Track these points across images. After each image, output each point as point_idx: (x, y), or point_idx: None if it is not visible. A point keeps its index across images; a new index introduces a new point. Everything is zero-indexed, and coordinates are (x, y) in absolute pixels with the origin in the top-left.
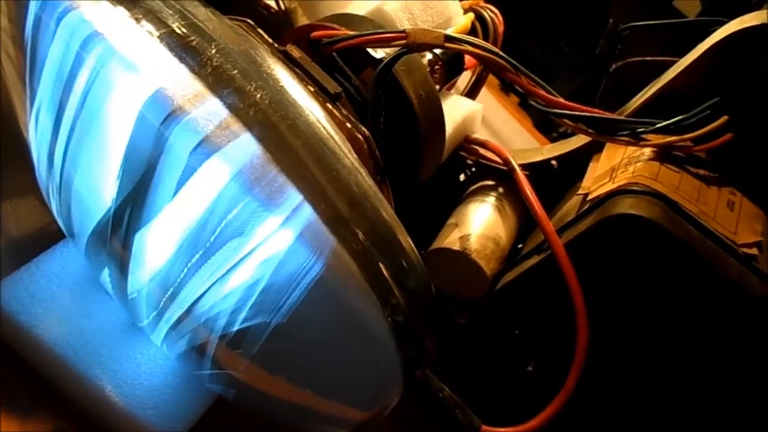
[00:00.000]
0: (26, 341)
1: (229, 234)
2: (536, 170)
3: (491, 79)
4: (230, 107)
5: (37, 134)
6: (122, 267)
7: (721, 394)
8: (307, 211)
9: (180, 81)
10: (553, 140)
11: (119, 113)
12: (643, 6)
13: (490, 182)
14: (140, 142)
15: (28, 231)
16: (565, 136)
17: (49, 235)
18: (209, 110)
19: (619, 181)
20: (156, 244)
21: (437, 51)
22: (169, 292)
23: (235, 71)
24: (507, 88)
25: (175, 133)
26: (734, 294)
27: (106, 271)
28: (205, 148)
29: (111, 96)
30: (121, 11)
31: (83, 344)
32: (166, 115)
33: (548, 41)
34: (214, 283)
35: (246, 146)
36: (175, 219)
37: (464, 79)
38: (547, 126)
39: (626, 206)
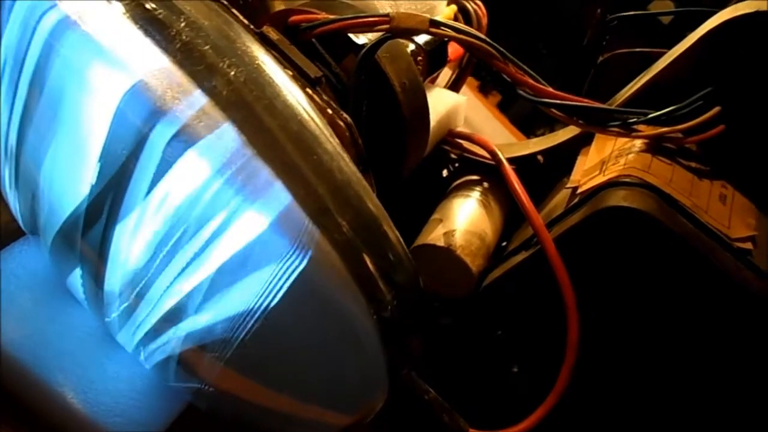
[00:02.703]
0: None
1: (200, 226)
2: (522, 164)
3: (470, 79)
4: (201, 86)
5: None
6: (96, 268)
7: (715, 390)
8: (286, 199)
9: (146, 58)
10: None
11: (90, 103)
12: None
13: (474, 177)
14: (119, 136)
15: None
16: None
17: (7, 234)
18: (178, 88)
19: (610, 173)
20: (122, 239)
21: (420, 42)
22: (135, 291)
23: (207, 47)
24: (487, 86)
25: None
26: (730, 289)
27: (75, 274)
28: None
29: (75, 79)
30: None
31: (43, 347)
32: (146, 111)
33: (527, 45)
34: (185, 281)
35: (219, 128)
36: (143, 209)
37: (443, 78)
38: (526, 126)
39: (619, 198)
